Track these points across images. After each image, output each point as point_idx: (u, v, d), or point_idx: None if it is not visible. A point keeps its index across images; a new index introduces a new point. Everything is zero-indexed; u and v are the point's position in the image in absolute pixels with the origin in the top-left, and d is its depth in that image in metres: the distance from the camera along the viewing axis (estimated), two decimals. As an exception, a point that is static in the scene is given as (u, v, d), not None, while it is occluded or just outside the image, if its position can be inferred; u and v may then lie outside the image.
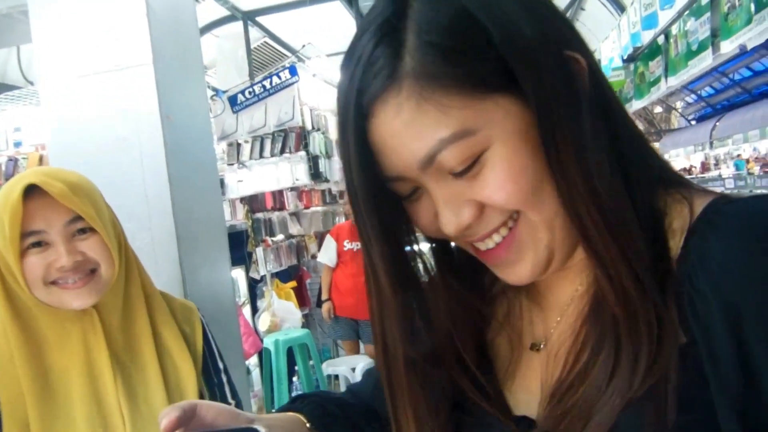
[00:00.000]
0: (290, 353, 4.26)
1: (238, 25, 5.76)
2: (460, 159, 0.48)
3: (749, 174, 18.63)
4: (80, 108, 1.70)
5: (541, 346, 0.58)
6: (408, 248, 0.58)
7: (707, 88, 23.12)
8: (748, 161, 21.33)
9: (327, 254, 4.69)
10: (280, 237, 5.23)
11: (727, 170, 21.97)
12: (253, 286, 4.86)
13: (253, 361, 4.56)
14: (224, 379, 1.22)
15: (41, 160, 4.50)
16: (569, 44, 0.50)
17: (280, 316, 4.55)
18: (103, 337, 1.03)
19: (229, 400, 1.22)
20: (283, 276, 5.06)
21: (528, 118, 0.48)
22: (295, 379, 4.45)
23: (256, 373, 4.64)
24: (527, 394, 0.57)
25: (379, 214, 0.53)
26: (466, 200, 0.50)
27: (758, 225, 0.44)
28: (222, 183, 4.85)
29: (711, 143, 22.58)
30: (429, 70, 0.46)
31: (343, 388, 4.75)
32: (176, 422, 0.50)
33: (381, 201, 0.52)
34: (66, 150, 1.72)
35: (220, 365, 1.23)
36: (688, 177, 0.60)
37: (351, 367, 4.26)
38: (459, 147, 0.47)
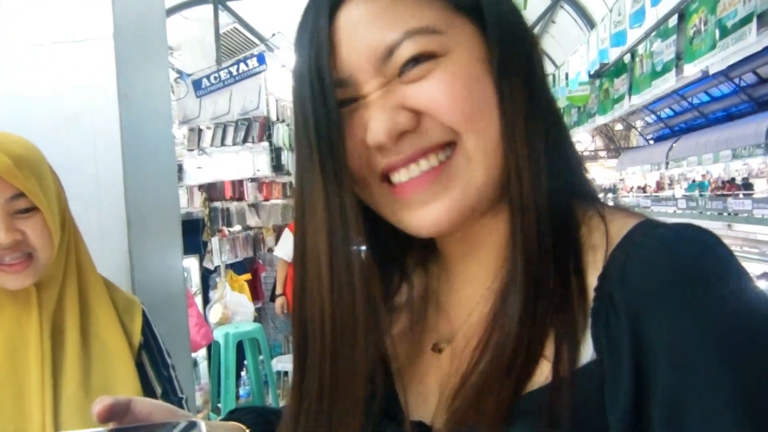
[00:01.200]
0: (240, 347, 4.18)
1: (208, 9, 5.64)
2: (416, 50, 0.48)
3: (701, 195, 19.29)
4: (33, 79, 1.61)
5: (443, 346, 0.56)
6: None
7: (666, 110, 23.83)
8: (710, 182, 22.04)
9: (284, 248, 4.62)
10: (237, 228, 5.13)
11: (680, 190, 22.70)
12: (207, 276, 4.76)
13: (201, 353, 4.46)
14: (173, 374, 1.18)
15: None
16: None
17: (232, 309, 4.46)
18: (37, 316, 0.98)
19: (180, 394, 1.19)
20: (237, 268, 4.98)
21: (485, 52, 0.50)
22: (243, 373, 4.37)
23: (203, 366, 4.54)
24: (425, 397, 0.55)
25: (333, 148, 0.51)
26: (405, 107, 0.49)
27: (685, 255, 0.43)
28: (180, 169, 4.73)
29: (667, 163, 23.29)
30: None
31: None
32: (109, 409, 0.48)
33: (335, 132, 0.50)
34: (14, 121, 1.62)
35: (168, 360, 1.19)
36: (643, 194, 0.59)
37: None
38: (421, 40, 0.48)
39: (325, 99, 0.49)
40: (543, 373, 0.46)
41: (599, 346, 0.44)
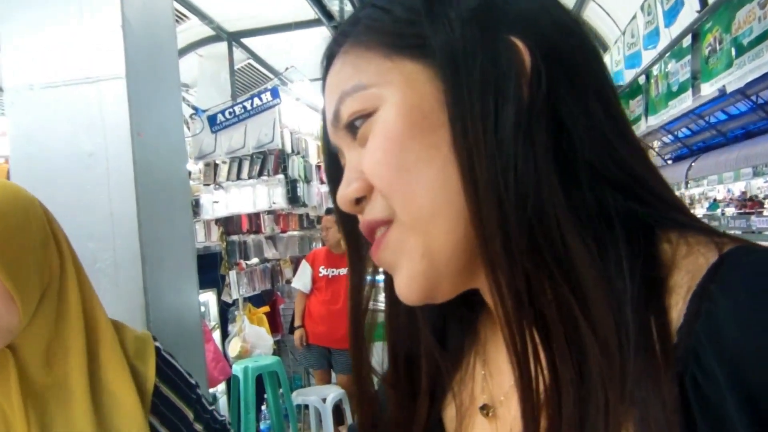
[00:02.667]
0: (259, 381, 4.14)
1: (222, 46, 5.74)
2: (347, 113, 0.46)
3: (722, 215, 19.01)
4: (46, 119, 1.62)
5: (492, 411, 0.50)
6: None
7: (684, 129, 23.67)
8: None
9: (302, 280, 4.61)
10: (254, 260, 5.13)
11: (702, 210, 22.41)
12: (225, 310, 4.75)
13: (220, 388, 4.42)
14: (200, 392, 1.16)
15: (9, 173, 4.37)
16: (521, 30, 0.42)
17: (251, 342, 4.43)
18: (16, 379, 0.91)
19: (218, 416, 1.18)
20: (256, 301, 4.96)
21: (433, 94, 0.43)
22: (263, 407, 4.32)
23: (223, 401, 4.50)
24: None
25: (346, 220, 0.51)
26: (359, 171, 0.46)
27: None
28: (197, 203, 4.76)
29: (686, 183, 23.03)
30: (363, 28, 0.46)
31: (313, 418, 4.64)
32: None
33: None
34: (28, 163, 1.64)
35: (193, 381, 1.16)
36: None
37: (322, 397, 4.14)
38: (350, 102, 0.46)
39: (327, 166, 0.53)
40: None
41: (689, 420, 0.35)
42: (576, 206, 0.41)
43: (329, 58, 0.50)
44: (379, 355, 0.56)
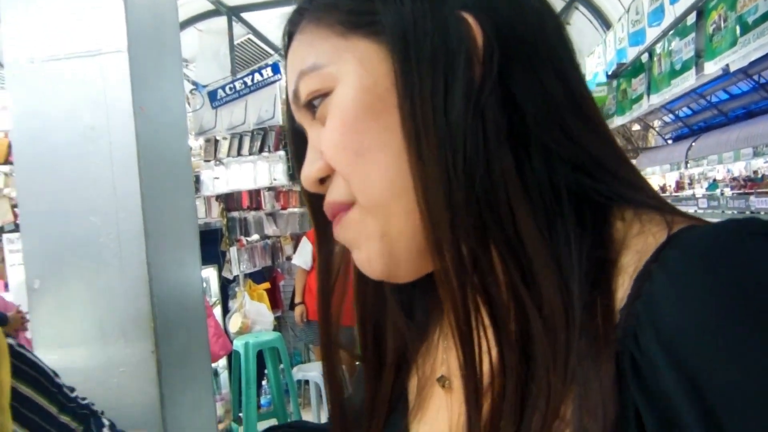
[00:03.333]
0: (260, 356, 4.17)
1: (222, 20, 5.67)
2: (305, 92, 0.46)
3: (722, 195, 19.02)
4: (48, 94, 1.61)
5: (448, 383, 0.50)
6: None
7: (685, 109, 23.56)
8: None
9: (302, 257, 4.62)
10: (255, 237, 5.14)
11: (701, 190, 22.42)
12: (226, 286, 4.77)
13: (221, 363, 4.46)
14: (59, 382, 1.14)
15: (10, 147, 4.36)
16: (472, 6, 0.42)
17: (252, 318, 4.46)
18: None
19: (81, 400, 1.16)
20: (256, 277, 4.98)
21: (386, 74, 0.43)
22: (264, 383, 4.36)
23: (224, 375, 4.55)
24: None
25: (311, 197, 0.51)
26: (320, 151, 0.46)
27: (724, 257, 0.32)
28: (198, 179, 4.75)
29: (686, 163, 22.99)
30: (320, 5, 0.46)
31: (313, 394, 4.68)
32: None
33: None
34: (30, 138, 1.63)
35: (49, 371, 1.13)
36: (662, 194, 0.50)
37: (322, 372, 4.19)
38: (308, 81, 0.45)
39: (292, 142, 0.53)
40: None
41: (623, 398, 0.35)
42: (527, 185, 0.41)
43: (289, 35, 0.49)
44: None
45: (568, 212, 0.41)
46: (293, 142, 0.53)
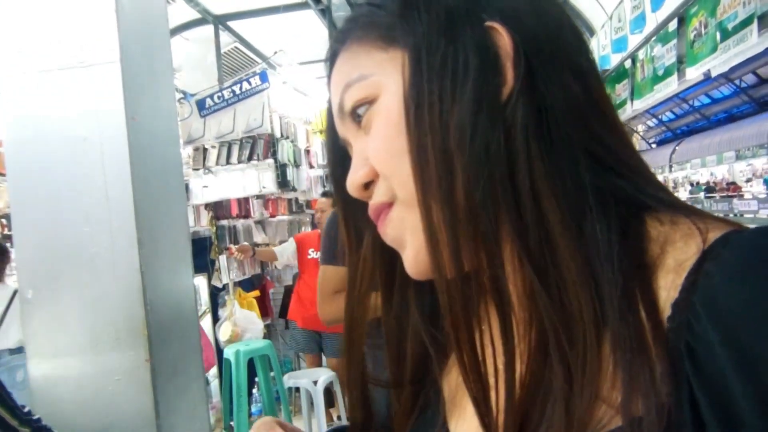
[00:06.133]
0: (251, 364, 4.16)
1: (208, 29, 5.68)
2: (351, 102, 0.48)
3: (706, 198, 19.23)
4: (41, 105, 1.62)
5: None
6: None
7: (668, 113, 23.82)
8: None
9: (285, 252, 4.64)
10: (244, 245, 5.13)
11: (684, 193, 22.65)
12: (215, 294, 4.76)
13: (212, 371, 4.45)
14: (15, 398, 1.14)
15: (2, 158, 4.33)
16: (500, 16, 0.44)
17: (242, 326, 4.45)
18: None
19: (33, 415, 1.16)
20: (246, 285, 4.97)
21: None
22: (255, 391, 4.35)
23: (215, 384, 4.53)
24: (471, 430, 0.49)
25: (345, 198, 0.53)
26: (365, 158, 0.49)
27: None
28: (186, 188, 4.75)
29: (670, 167, 23.23)
30: (361, 24, 0.49)
31: (304, 401, 4.67)
32: None
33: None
34: (23, 148, 1.64)
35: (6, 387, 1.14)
36: None
37: (313, 380, 4.18)
38: (354, 91, 0.48)
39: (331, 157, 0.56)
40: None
41: (679, 387, 0.36)
42: (556, 184, 0.42)
43: (332, 56, 0.52)
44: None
45: (597, 210, 0.42)
46: (332, 156, 0.56)
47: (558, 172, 0.42)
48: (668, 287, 0.38)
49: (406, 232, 0.47)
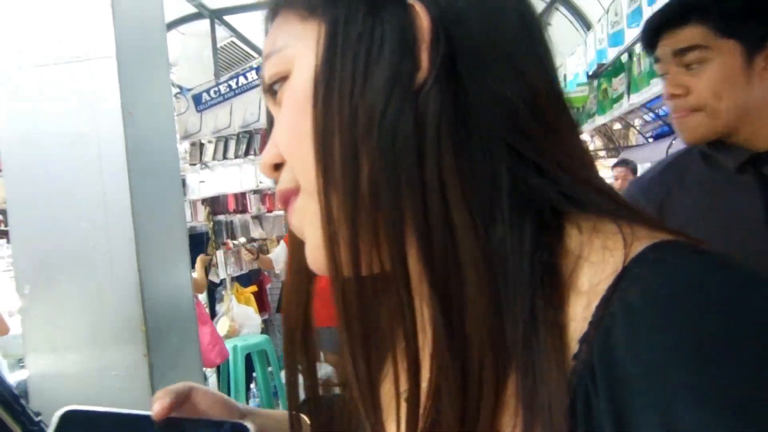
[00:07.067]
0: (248, 359, 4.17)
1: (204, 23, 5.66)
2: (269, 74, 0.44)
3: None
4: (36, 100, 1.61)
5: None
6: None
7: (664, 107, 23.82)
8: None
9: (279, 258, 4.65)
10: (241, 240, 5.13)
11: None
12: (213, 290, 4.76)
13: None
14: (23, 402, 1.15)
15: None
16: None
17: (239, 322, 4.46)
18: None
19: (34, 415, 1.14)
20: (243, 280, 4.97)
21: None
22: (252, 386, 4.36)
23: (212, 379, 4.53)
24: None
25: None
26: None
27: (694, 309, 0.30)
28: (183, 183, 4.74)
29: (667, 161, 23.25)
30: None
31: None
32: (168, 408, 0.47)
33: None
34: (19, 143, 1.63)
35: (15, 390, 1.14)
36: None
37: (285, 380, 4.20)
38: (272, 62, 0.44)
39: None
40: None
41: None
42: (466, 182, 0.38)
43: (268, 21, 0.48)
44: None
45: (511, 217, 0.38)
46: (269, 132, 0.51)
47: (471, 168, 0.38)
48: (578, 317, 0.35)
49: (306, 224, 0.44)
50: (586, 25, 6.67)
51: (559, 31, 7.29)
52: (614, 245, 0.36)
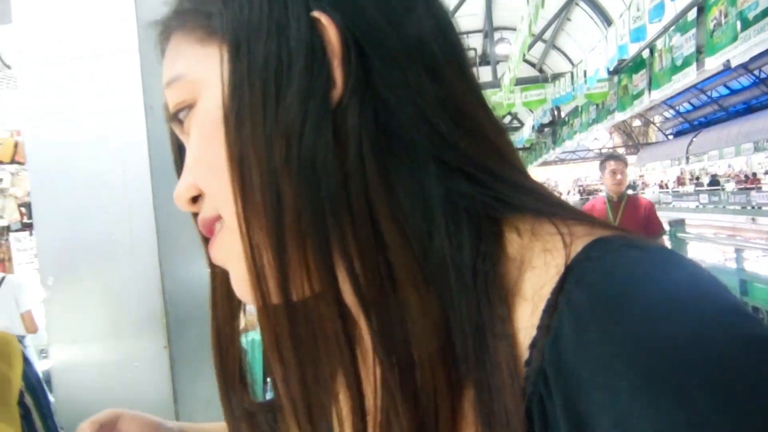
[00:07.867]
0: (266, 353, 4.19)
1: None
2: (173, 103, 0.42)
3: (722, 190, 19.02)
4: (59, 94, 1.64)
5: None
6: None
7: (685, 104, 23.56)
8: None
9: None
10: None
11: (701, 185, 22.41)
12: (230, 284, 4.79)
13: (227, 360, 4.49)
14: (50, 398, 1.15)
15: (16, 147, 4.39)
16: (329, 1, 0.37)
17: (256, 316, 4.48)
18: None
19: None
20: (260, 275, 5.00)
21: None
22: (269, 379, 4.38)
23: (229, 372, 4.57)
24: None
25: None
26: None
27: (637, 312, 0.29)
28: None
29: (687, 158, 22.99)
30: (186, 10, 0.42)
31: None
32: None
33: None
34: (42, 137, 1.66)
35: (43, 384, 1.14)
36: (661, 191, 0.39)
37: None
38: (174, 90, 0.41)
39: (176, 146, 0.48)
40: None
41: None
42: (396, 193, 0.37)
43: (163, 42, 0.45)
44: None
45: (448, 230, 0.37)
46: (176, 159, 0.49)
47: (398, 184, 0.37)
48: (526, 324, 0.34)
49: (229, 258, 0.42)
50: (607, 20, 6.61)
51: (579, 26, 7.23)
52: (554, 246, 0.35)
